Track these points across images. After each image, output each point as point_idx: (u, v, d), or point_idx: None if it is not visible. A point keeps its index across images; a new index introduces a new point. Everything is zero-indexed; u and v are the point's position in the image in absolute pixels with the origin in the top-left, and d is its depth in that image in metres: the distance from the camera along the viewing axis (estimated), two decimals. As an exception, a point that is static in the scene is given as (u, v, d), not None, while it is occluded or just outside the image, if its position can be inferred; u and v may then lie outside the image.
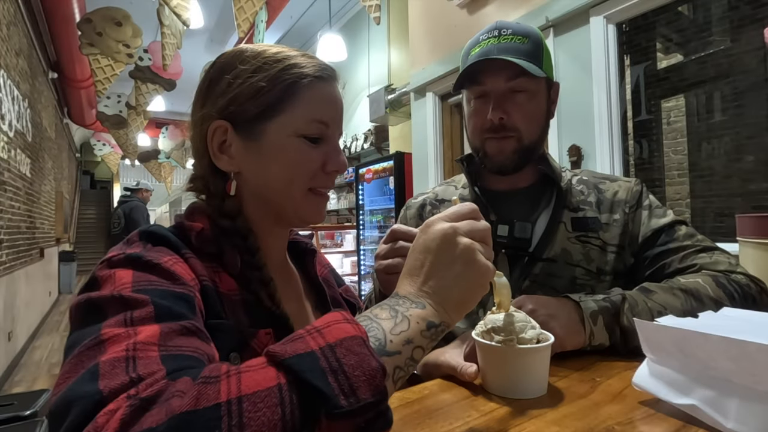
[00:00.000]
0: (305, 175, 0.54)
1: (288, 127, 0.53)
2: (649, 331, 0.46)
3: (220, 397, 0.27)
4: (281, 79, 0.53)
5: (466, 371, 0.54)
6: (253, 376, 0.29)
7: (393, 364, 0.34)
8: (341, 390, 0.29)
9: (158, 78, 5.04)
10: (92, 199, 13.52)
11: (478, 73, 0.78)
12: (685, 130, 2.97)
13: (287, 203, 0.55)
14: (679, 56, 2.70)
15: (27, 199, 4.69)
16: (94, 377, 0.30)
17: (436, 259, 0.41)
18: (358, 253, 4.68)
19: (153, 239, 0.47)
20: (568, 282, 0.76)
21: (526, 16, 2.60)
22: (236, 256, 0.52)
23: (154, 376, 0.30)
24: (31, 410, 1.60)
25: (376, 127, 5.19)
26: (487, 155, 0.81)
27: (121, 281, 0.40)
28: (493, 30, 0.79)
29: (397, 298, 0.40)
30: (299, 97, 0.53)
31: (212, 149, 0.54)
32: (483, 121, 0.79)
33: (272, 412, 0.27)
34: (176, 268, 0.44)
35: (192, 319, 0.39)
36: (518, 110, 0.78)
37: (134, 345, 0.33)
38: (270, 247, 0.59)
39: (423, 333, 0.37)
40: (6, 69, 3.74)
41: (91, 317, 0.37)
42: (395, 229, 0.59)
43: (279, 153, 0.53)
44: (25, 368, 3.90)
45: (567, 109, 2.45)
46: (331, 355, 0.30)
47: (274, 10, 4.69)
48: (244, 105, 0.53)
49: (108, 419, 0.26)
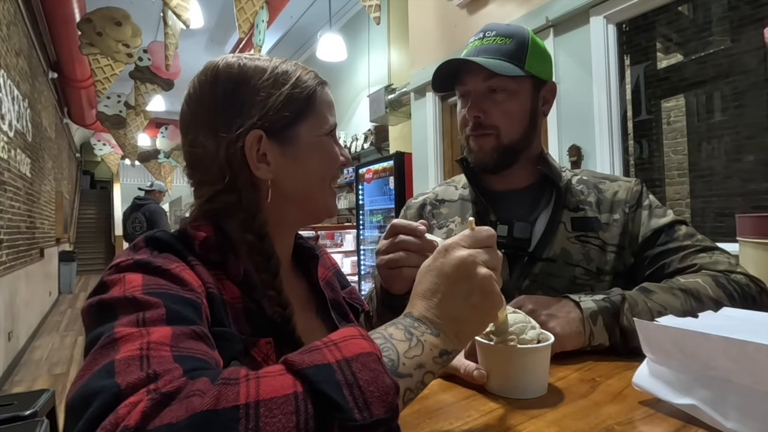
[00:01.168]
0: (335, 169, 0.59)
1: (317, 128, 0.57)
2: (649, 331, 0.46)
3: (239, 399, 0.28)
4: (303, 85, 0.56)
5: (472, 373, 0.52)
6: (271, 382, 0.30)
7: (404, 385, 0.35)
8: (356, 404, 0.29)
9: (157, 78, 5.04)
10: (92, 199, 13.53)
11: (461, 74, 0.81)
12: (685, 130, 2.97)
13: (319, 197, 0.59)
14: (679, 56, 2.70)
15: (27, 199, 4.69)
16: (110, 374, 0.30)
17: (454, 287, 0.41)
18: (358, 253, 4.68)
19: (159, 246, 0.48)
20: (567, 282, 0.76)
21: (526, 16, 2.60)
22: (239, 265, 0.52)
23: (173, 374, 0.31)
24: (31, 410, 1.59)
25: (376, 127, 5.19)
26: (471, 152, 0.84)
27: (131, 284, 0.40)
28: (480, 33, 0.82)
29: (411, 320, 0.40)
30: (317, 100, 0.58)
31: (251, 160, 0.53)
32: (464, 120, 0.82)
33: (287, 419, 0.28)
34: (184, 274, 0.45)
35: (200, 324, 0.40)
36: (496, 108, 0.79)
37: (147, 344, 0.33)
38: (279, 253, 0.58)
39: (435, 360, 0.37)
40: (6, 69, 3.75)
41: (103, 317, 0.37)
42: (395, 224, 0.59)
43: (315, 151, 0.57)
44: (25, 368, 3.90)
45: (567, 109, 2.45)
46: (347, 369, 0.31)
47: (274, 10, 4.69)
48: (277, 113, 0.54)
49: (129, 411, 0.27)
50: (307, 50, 7.39)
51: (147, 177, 12.97)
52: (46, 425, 1.51)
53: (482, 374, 0.52)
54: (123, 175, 13.26)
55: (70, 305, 7.07)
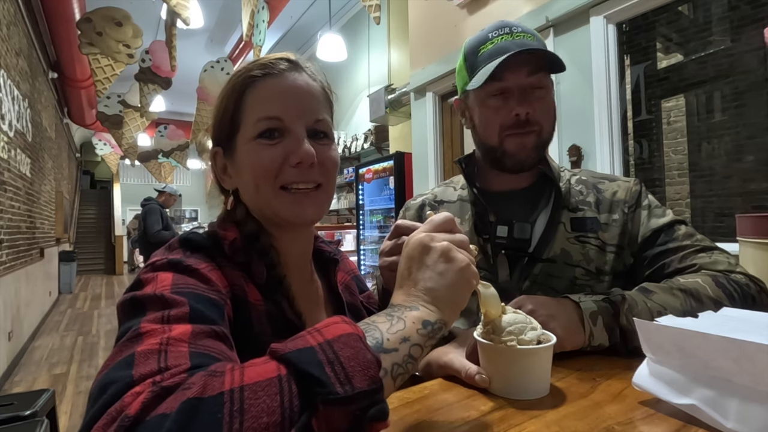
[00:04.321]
0: (268, 175, 0.53)
1: (245, 135, 0.55)
2: (649, 331, 0.46)
3: (224, 386, 0.30)
4: (234, 91, 0.56)
5: (474, 378, 0.52)
6: (255, 369, 0.31)
7: (391, 360, 0.36)
8: (337, 378, 0.31)
9: (157, 77, 5.04)
10: (92, 199, 13.52)
11: (499, 71, 0.75)
12: (685, 130, 2.97)
13: (264, 207, 0.56)
14: (679, 56, 2.70)
15: (27, 199, 4.69)
16: (130, 365, 0.33)
17: (419, 264, 0.44)
18: (358, 253, 4.68)
19: (191, 246, 0.51)
20: (567, 282, 0.76)
21: (526, 16, 2.60)
22: (263, 267, 0.54)
23: (178, 368, 0.33)
24: (31, 410, 1.59)
25: (376, 127, 5.19)
26: (507, 153, 0.80)
27: (162, 283, 0.43)
28: (503, 27, 0.79)
29: (392, 308, 0.42)
30: (248, 102, 0.55)
31: (217, 174, 0.60)
32: (505, 118, 0.78)
33: (272, 399, 0.29)
34: (212, 275, 0.48)
35: (221, 325, 0.42)
36: (540, 105, 0.78)
37: (167, 340, 0.36)
38: (287, 252, 0.59)
39: (419, 331, 0.39)
40: (6, 69, 3.75)
41: (134, 312, 0.40)
42: (399, 225, 0.58)
43: (243, 162, 0.55)
44: (25, 368, 3.90)
45: (567, 109, 2.45)
46: (328, 349, 0.32)
47: (274, 10, 4.69)
48: (220, 128, 0.58)
49: (133, 400, 0.29)
50: (307, 50, 7.39)
51: (147, 177, 12.98)
52: (46, 425, 1.51)
53: (484, 379, 0.51)
54: (123, 175, 13.26)
55: (70, 305, 7.07)
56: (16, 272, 4.10)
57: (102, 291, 8.61)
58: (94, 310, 6.61)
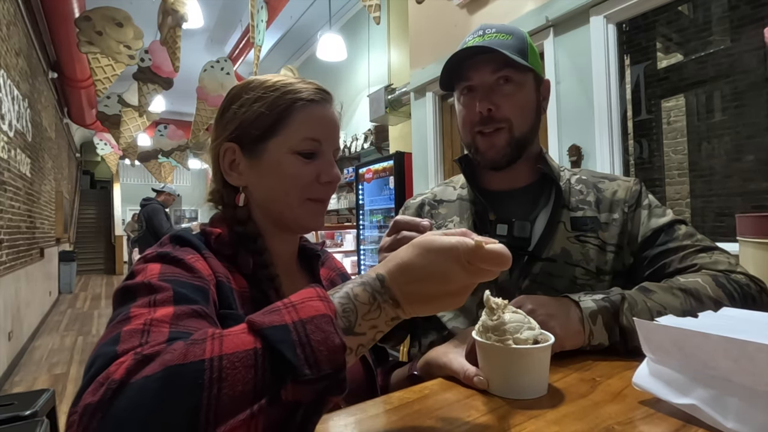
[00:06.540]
0: (299, 187, 0.62)
1: (284, 146, 0.62)
2: (649, 330, 0.46)
3: (204, 354, 0.33)
4: (278, 104, 0.62)
5: (472, 379, 0.52)
6: (233, 339, 0.35)
7: (357, 342, 0.39)
8: (306, 361, 0.33)
9: (157, 77, 5.03)
10: (92, 199, 13.52)
11: (463, 70, 0.80)
12: (685, 129, 2.97)
13: (286, 212, 0.63)
14: (679, 56, 2.70)
15: (27, 199, 4.69)
16: (116, 342, 0.38)
17: (435, 275, 0.39)
18: (358, 252, 4.68)
19: (180, 242, 0.57)
20: (568, 282, 0.76)
21: (526, 16, 2.60)
22: (248, 259, 0.61)
23: (158, 341, 0.37)
24: (31, 410, 1.59)
25: (376, 126, 5.19)
26: (479, 151, 0.82)
27: (151, 272, 0.49)
28: (477, 31, 0.81)
29: (380, 285, 0.39)
30: (294, 118, 0.62)
31: (223, 167, 0.64)
32: (472, 115, 0.80)
33: (247, 371, 0.32)
34: (197, 264, 0.53)
35: (203, 305, 0.46)
36: (507, 101, 0.78)
37: (150, 320, 0.40)
38: (278, 251, 0.67)
39: (387, 323, 0.41)
40: (6, 69, 3.74)
41: (126, 299, 0.45)
42: (398, 220, 0.58)
43: (276, 168, 0.62)
44: (25, 368, 3.90)
45: (567, 109, 2.45)
46: (301, 330, 0.35)
47: (274, 10, 4.69)
48: (248, 128, 0.62)
49: (117, 368, 0.33)
50: (307, 50, 7.39)
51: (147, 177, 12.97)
52: (46, 425, 1.51)
53: (482, 381, 0.51)
54: (123, 175, 13.26)
55: (70, 305, 7.07)
56: (16, 272, 4.10)
57: (102, 291, 8.61)
58: (94, 310, 6.61)
